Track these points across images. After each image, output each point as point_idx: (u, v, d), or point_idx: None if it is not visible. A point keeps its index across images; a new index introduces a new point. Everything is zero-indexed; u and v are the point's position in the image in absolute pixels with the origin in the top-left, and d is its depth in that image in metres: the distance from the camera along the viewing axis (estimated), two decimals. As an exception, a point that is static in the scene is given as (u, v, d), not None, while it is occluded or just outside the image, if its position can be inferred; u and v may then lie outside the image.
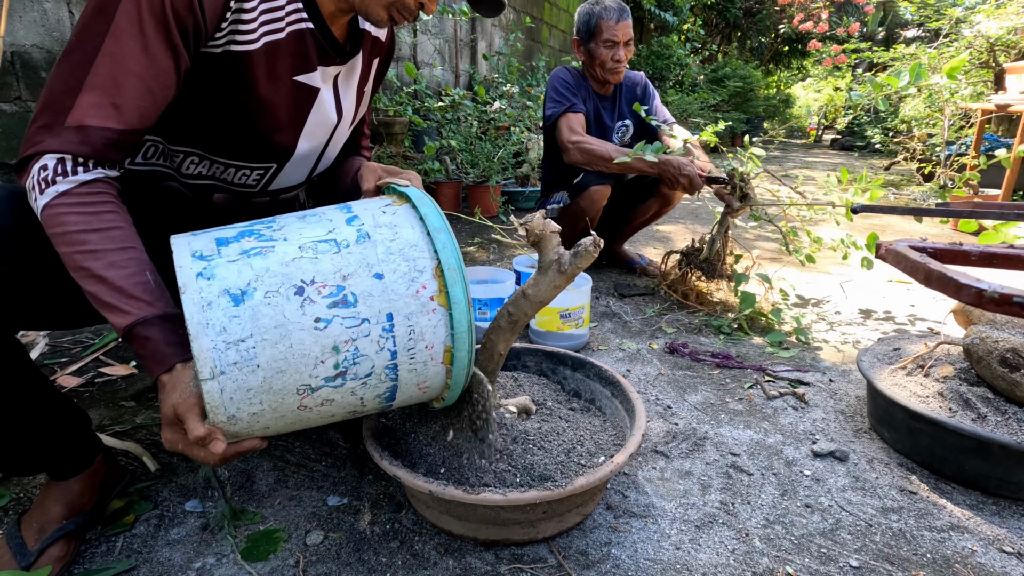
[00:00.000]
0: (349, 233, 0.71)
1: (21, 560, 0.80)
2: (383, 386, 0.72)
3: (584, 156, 1.97)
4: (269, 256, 0.68)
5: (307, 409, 0.70)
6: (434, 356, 0.73)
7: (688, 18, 9.18)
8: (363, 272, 0.69)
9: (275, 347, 0.65)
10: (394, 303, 0.69)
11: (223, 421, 0.66)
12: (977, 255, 0.96)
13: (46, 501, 0.86)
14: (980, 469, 1.02)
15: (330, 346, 0.67)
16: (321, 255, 0.69)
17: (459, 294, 0.70)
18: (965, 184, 3.44)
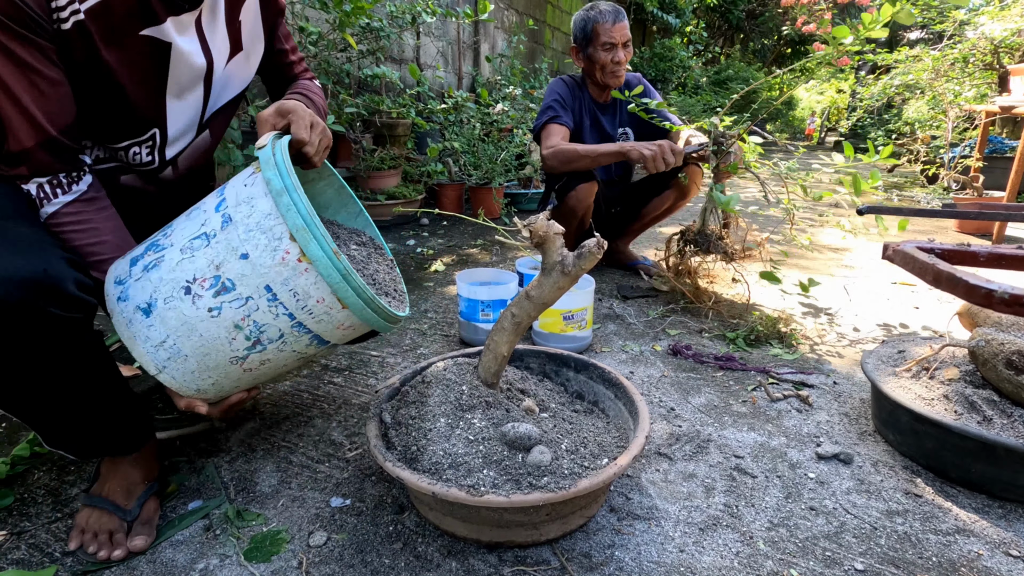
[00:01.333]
0: (216, 221, 0.75)
1: (126, 515, 0.88)
2: (305, 338, 0.78)
3: (558, 160, 1.98)
4: (161, 266, 0.76)
5: (253, 370, 0.80)
6: (331, 306, 0.75)
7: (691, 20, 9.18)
8: (231, 257, 0.73)
9: (189, 339, 0.75)
10: (267, 276, 0.72)
11: (194, 394, 0.82)
12: (985, 256, 0.95)
13: (121, 469, 0.92)
14: (986, 472, 1.01)
15: (231, 326, 0.74)
16: (196, 252, 0.75)
17: (315, 251, 0.71)
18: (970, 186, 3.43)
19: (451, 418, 0.91)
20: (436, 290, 2.14)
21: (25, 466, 1.06)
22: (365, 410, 1.28)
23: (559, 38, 6.77)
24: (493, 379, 0.97)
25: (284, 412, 1.27)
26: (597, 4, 2.09)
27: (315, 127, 0.85)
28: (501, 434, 0.89)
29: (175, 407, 1.10)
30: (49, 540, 0.89)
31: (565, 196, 2.09)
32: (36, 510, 0.95)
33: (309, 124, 0.83)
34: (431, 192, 3.49)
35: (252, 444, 1.15)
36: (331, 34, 2.91)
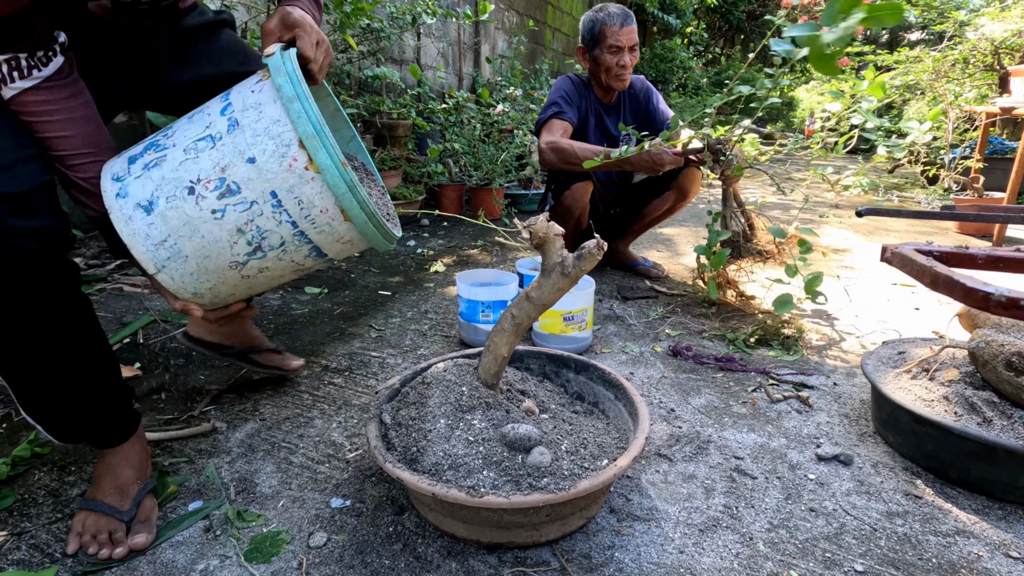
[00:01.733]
0: (222, 124, 0.75)
1: (123, 516, 0.87)
2: (304, 248, 0.78)
3: (556, 156, 1.98)
4: (163, 165, 0.75)
5: (251, 277, 0.80)
6: (334, 217, 0.75)
7: (691, 21, 9.19)
8: (237, 160, 0.73)
9: (191, 240, 0.75)
10: (272, 181, 0.73)
11: (191, 297, 0.81)
12: (984, 259, 0.96)
13: (112, 470, 0.92)
14: (986, 473, 1.01)
15: (234, 230, 0.75)
16: (201, 153, 0.74)
17: (324, 160, 0.71)
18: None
19: (451, 419, 0.91)
20: (436, 291, 2.14)
21: (26, 467, 1.06)
22: (365, 411, 1.29)
23: (559, 39, 6.77)
24: (493, 380, 0.98)
25: (284, 413, 1.27)
26: (607, 6, 2.09)
27: (320, 44, 0.84)
28: (501, 435, 0.89)
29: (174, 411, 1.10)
30: (50, 541, 0.89)
31: (561, 195, 2.09)
32: (37, 511, 0.96)
33: (315, 42, 0.83)
34: (431, 193, 3.49)
35: (252, 445, 1.15)
36: (332, 35, 2.91)
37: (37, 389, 0.83)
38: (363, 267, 2.43)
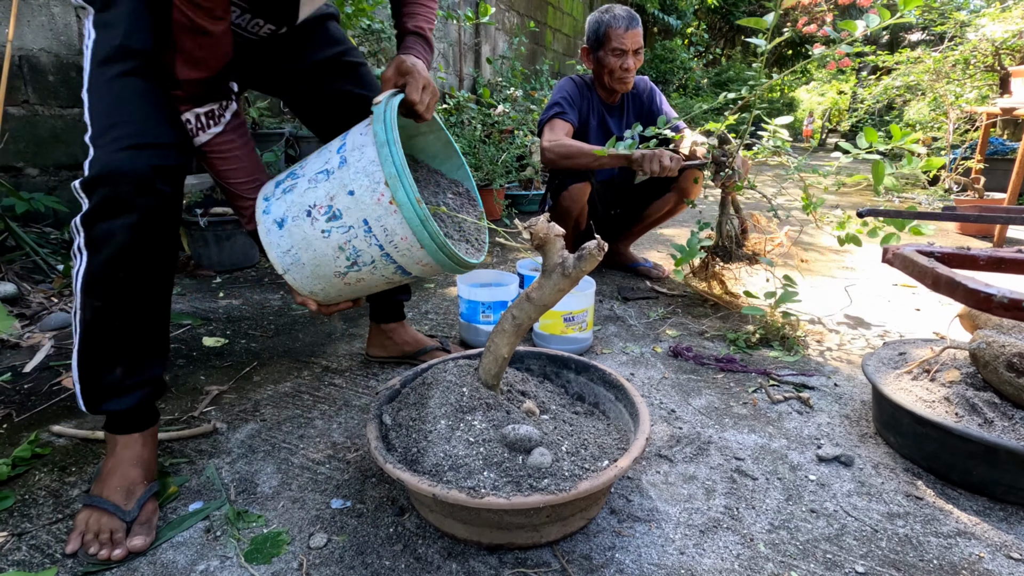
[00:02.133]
0: (336, 161, 0.90)
1: (125, 516, 0.89)
2: (391, 266, 0.92)
3: (557, 153, 1.98)
4: (293, 192, 0.92)
5: (351, 284, 0.95)
6: (412, 245, 0.87)
7: (692, 22, 9.19)
8: (341, 192, 0.87)
9: (307, 252, 0.91)
10: (365, 211, 0.86)
11: (308, 294, 0.99)
12: (985, 259, 0.95)
13: (121, 465, 0.94)
14: (987, 475, 1.01)
15: (336, 247, 0.89)
16: (318, 184, 0.90)
17: (401, 197, 0.83)
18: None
19: (451, 420, 0.91)
20: (437, 292, 2.14)
21: (26, 467, 1.06)
22: (366, 412, 1.28)
23: (560, 40, 6.77)
24: (493, 381, 0.98)
25: (285, 414, 1.27)
26: (612, 8, 2.09)
27: (427, 88, 0.97)
28: (501, 436, 0.89)
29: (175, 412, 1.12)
30: (50, 541, 0.89)
31: (559, 196, 2.09)
32: (37, 511, 0.96)
33: (422, 87, 0.96)
34: (432, 193, 3.48)
35: (253, 445, 1.15)
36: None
37: (111, 327, 0.91)
38: (364, 268, 2.43)
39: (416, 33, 1.08)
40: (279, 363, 1.51)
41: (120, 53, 0.87)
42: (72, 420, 1.22)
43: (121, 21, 0.88)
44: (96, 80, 0.88)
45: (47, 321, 1.68)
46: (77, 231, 0.88)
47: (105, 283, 0.89)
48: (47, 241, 2.13)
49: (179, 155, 0.92)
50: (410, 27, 1.08)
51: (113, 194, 0.84)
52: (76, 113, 2.29)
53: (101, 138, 0.86)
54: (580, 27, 7.37)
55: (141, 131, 0.86)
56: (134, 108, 0.87)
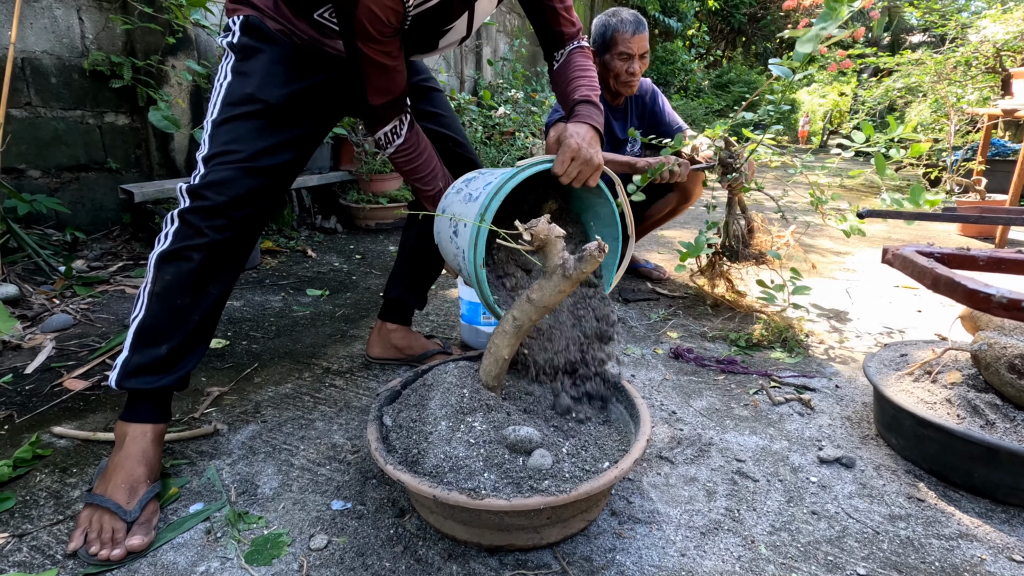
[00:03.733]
0: (477, 193, 1.02)
1: (127, 516, 0.90)
2: (464, 247, 1.04)
3: None
4: (457, 195, 1.09)
5: (452, 241, 1.10)
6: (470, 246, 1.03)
7: (693, 24, 9.20)
8: (463, 220, 1.02)
9: (444, 232, 1.12)
10: (465, 246, 1.01)
11: (448, 263, 1.20)
12: (985, 260, 0.95)
13: (127, 461, 0.96)
14: (989, 476, 1.01)
15: (452, 250, 1.10)
16: (463, 202, 1.05)
17: (469, 255, 1.00)
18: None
19: (452, 421, 0.91)
20: (438, 293, 2.14)
21: (27, 468, 1.06)
22: (366, 413, 1.28)
23: (561, 41, 6.78)
24: (494, 382, 0.98)
25: (286, 415, 1.27)
26: (620, 11, 2.09)
27: (575, 160, 1.04)
28: (502, 437, 0.89)
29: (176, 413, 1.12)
30: (51, 542, 0.89)
31: None
32: (38, 512, 0.96)
33: (569, 158, 1.04)
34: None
35: (254, 447, 1.15)
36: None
37: (173, 305, 0.99)
38: (364, 269, 2.44)
39: (585, 101, 1.16)
40: (280, 364, 1.51)
41: (248, 99, 1.03)
42: (73, 421, 1.22)
43: (256, 74, 1.05)
44: (223, 114, 1.03)
45: (48, 323, 1.68)
46: (171, 221, 1.00)
47: (178, 261, 0.99)
48: (49, 243, 2.14)
49: (278, 183, 1.07)
50: (578, 97, 1.17)
51: (211, 202, 0.99)
52: (78, 115, 2.30)
53: (215, 159, 1.01)
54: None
55: (250, 158, 1.02)
56: (249, 141, 1.02)
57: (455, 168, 1.32)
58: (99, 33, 2.31)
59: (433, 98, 1.37)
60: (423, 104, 1.34)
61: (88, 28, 2.29)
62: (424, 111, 1.34)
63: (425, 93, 1.36)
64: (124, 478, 0.93)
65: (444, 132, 1.35)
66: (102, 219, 2.39)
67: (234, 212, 1.01)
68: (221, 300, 1.06)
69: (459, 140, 1.38)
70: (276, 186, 1.08)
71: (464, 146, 1.40)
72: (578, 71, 1.20)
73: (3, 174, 2.07)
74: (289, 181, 1.12)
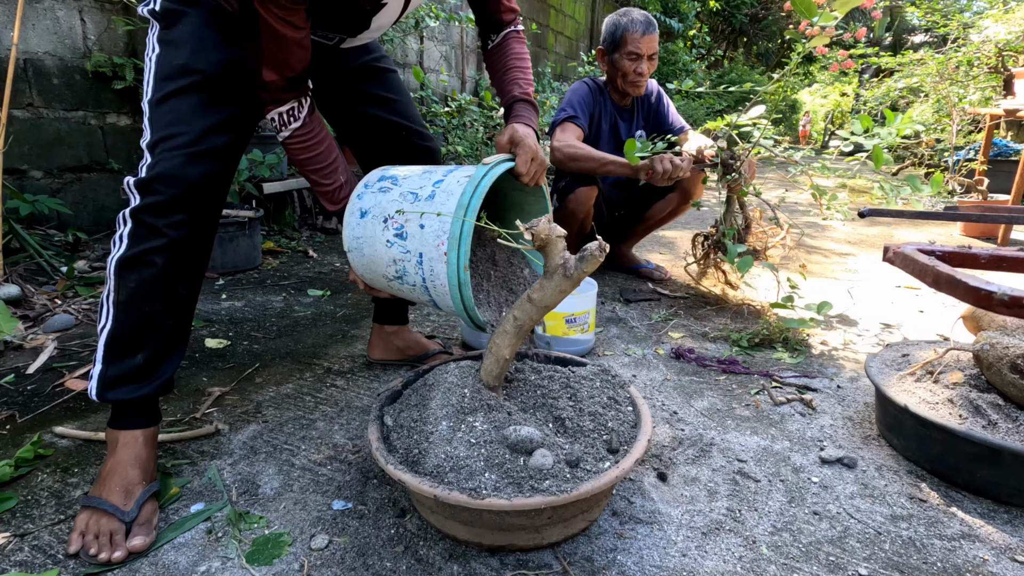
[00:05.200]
0: (428, 191, 0.95)
1: (124, 516, 0.89)
2: (426, 296, 0.98)
3: (566, 155, 2.00)
4: (384, 195, 0.99)
5: (392, 287, 1.02)
6: (446, 295, 0.93)
7: (694, 24, 9.20)
8: (416, 220, 0.93)
9: (371, 247, 0.99)
10: (424, 248, 0.92)
11: (360, 276, 1.08)
12: (987, 258, 0.95)
13: (120, 466, 0.94)
14: (991, 477, 1.01)
15: (392, 259, 0.97)
16: (404, 202, 0.95)
17: (452, 258, 0.89)
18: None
19: (453, 421, 0.91)
20: (439, 293, 2.14)
21: (29, 468, 1.06)
22: (367, 413, 1.28)
23: (562, 42, 6.78)
24: (495, 382, 0.97)
25: (287, 415, 1.27)
26: (630, 12, 2.10)
27: (535, 160, 1.02)
28: (503, 437, 0.89)
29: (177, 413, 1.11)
30: (52, 542, 0.89)
31: (565, 199, 2.10)
32: (39, 512, 0.96)
33: (530, 158, 1.01)
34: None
35: (255, 447, 1.15)
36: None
37: (142, 313, 0.94)
38: (366, 270, 2.44)
39: (523, 100, 1.12)
40: (281, 365, 1.52)
41: (182, 71, 0.94)
42: (75, 421, 1.22)
43: (186, 41, 0.94)
44: (158, 91, 0.94)
45: (50, 323, 1.68)
46: (124, 221, 0.94)
47: (140, 267, 0.93)
48: (51, 243, 2.14)
49: (228, 165, 1.01)
50: (517, 94, 1.12)
51: (164, 196, 0.91)
52: (80, 116, 2.30)
53: (159, 145, 0.93)
54: (582, 30, 7.38)
55: (196, 141, 0.93)
56: (191, 120, 0.93)
57: (413, 162, 1.20)
58: (101, 34, 2.32)
59: (387, 80, 1.25)
60: (374, 87, 1.23)
61: (90, 29, 2.29)
62: (375, 95, 1.22)
63: (378, 75, 1.25)
64: (119, 482, 0.93)
65: (398, 121, 1.24)
66: (104, 220, 2.40)
67: (191, 205, 0.93)
68: (193, 297, 1.02)
69: (416, 129, 1.26)
70: (227, 169, 1.00)
71: (423, 135, 1.28)
72: (514, 60, 1.15)
73: (5, 175, 2.08)
74: (236, 162, 1.04)
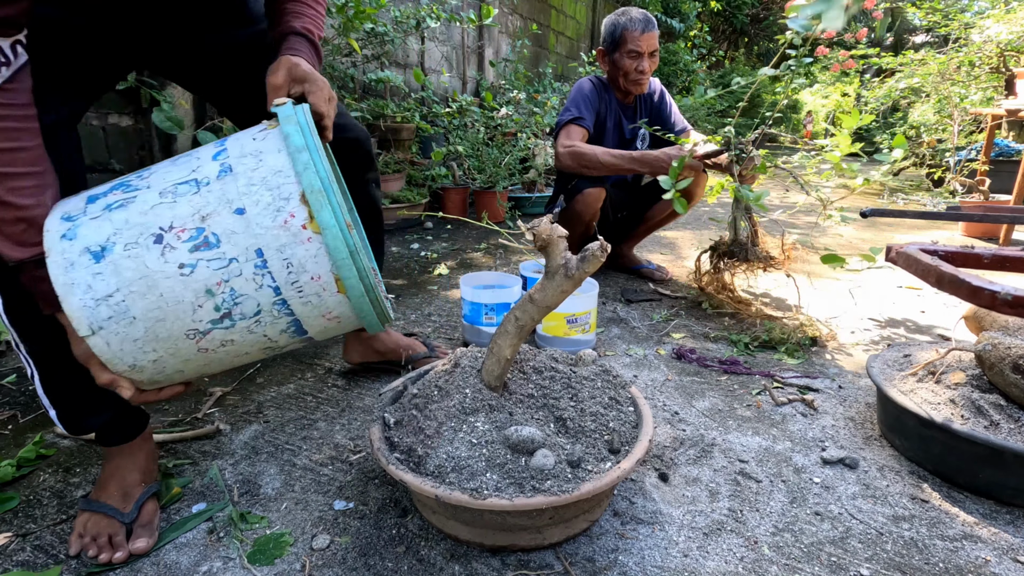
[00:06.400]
0: (211, 169, 0.68)
1: (124, 518, 0.88)
2: (282, 322, 0.70)
3: (573, 160, 1.99)
4: (129, 207, 0.66)
5: (210, 352, 0.70)
6: (326, 287, 0.68)
7: (695, 24, 9.20)
8: (223, 209, 0.65)
9: (145, 297, 0.65)
10: (261, 237, 0.65)
11: (126, 370, 0.69)
12: (989, 258, 0.95)
13: (119, 471, 0.93)
14: (993, 477, 1.01)
15: (202, 290, 0.65)
16: (180, 198, 0.66)
17: (327, 218, 0.64)
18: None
19: (454, 421, 0.91)
20: (440, 293, 2.14)
21: (31, 468, 1.06)
22: (369, 413, 1.29)
23: (563, 42, 6.78)
24: (496, 382, 0.98)
25: (288, 415, 1.27)
26: (629, 10, 2.10)
27: (331, 100, 0.81)
28: (504, 437, 0.89)
29: (178, 413, 1.10)
30: (54, 542, 0.90)
31: (572, 200, 2.09)
32: (41, 512, 0.96)
33: (327, 97, 0.80)
34: (435, 196, 3.50)
35: (256, 447, 1.15)
36: (336, 39, 2.93)
37: (65, 363, 0.78)
38: (367, 270, 2.44)
39: (303, 35, 0.89)
40: (282, 365, 1.52)
41: None
42: (76, 421, 1.22)
43: None
44: None
45: (52, 323, 1.68)
46: None
47: (29, 310, 0.75)
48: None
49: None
50: (298, 27, 0.88)
51: None
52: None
53: None
54: (583, 30, 7.38)
55: None
56: None
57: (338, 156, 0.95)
58: (103, 35, 2.32)
59: None
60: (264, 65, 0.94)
61: (92, 30, 2.30)
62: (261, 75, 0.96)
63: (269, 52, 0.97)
64: (117, 485, 0.92)
65: None
66: (105, 220, 2.40)
67: None
68: None
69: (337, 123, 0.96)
70: None
71: (344, 127, 1.03)
72: (306, 25, 0.90)
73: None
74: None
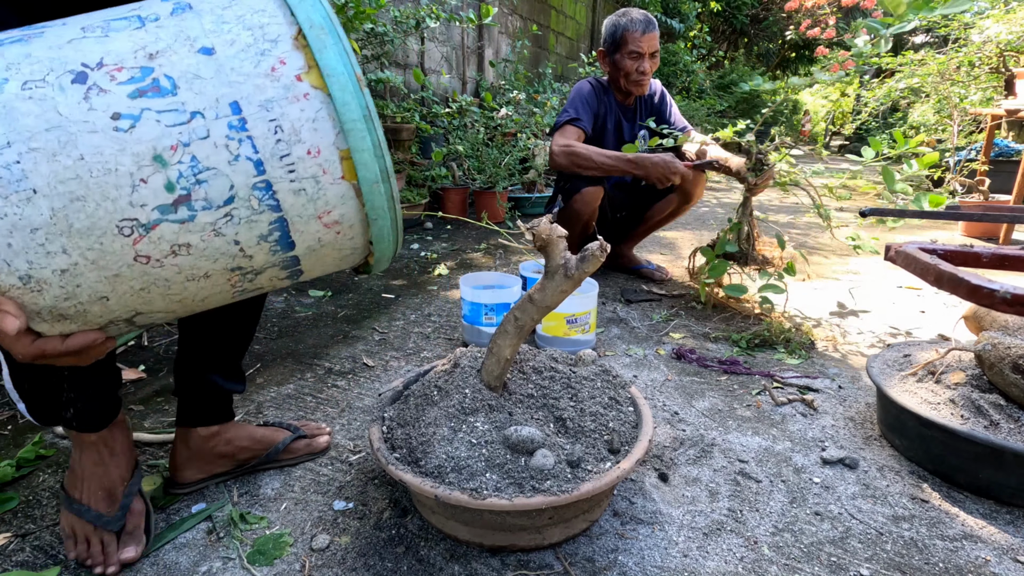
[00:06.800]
0: (161, 8, 0.50)
1: (113, 525, 0.84)
2: (263, 220, 0.49)
3: (567, 159, 1.99)
4: (33, 42, 0.47)
5: (153, 263, 0.47)
6: (327, 167, 0.49)
7: (695, 25, 9.20)
8: (181, 47, 0.47)
9: (55, 160, 0.44)
10: (239, 86, 0.47)
11: (15, 285, 0.45)
12: (989, 257, 0.95)
13: (99, 467, 0.87)
14: (994, 477, 1.01)
15: (147, 156, 0.46)
16: (114, 32, 0.48)
17: (332, 61, 0.47)
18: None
19: (454, 421, 0.91)
20: (439, 294, 2.14)
21: (30, 468, 1.06)
22: (368, 413, 1.28)
23: (563, 43, 6.78)
24: (496, 382, 0.97)
25: (288, 415, 1.27)
26: (629, 11, 2.10)
27: None
28: (504, 437, 0.89)
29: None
30: (53, 542, 0.89)
31: (571, 199, 2.09)
32: (41, 512, 0.96)
33: None
34: (435, 196, 3.50)
35: (256, 447, 1.15)
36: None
37: None
38: (367, 270, 2.44)
39: None
40: (282, 365, 1.52)
41: None
42: (76, 422, 1.22)
43: None
44: None
45: (52, 323, 1.68)
46: None
47: None
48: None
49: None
50: None
51: None
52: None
53: None
54: (583, 31, 7.38)
55: None
56: None
57: None
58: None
59: None
60: None
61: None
62: None
63: None
64: (99, 484, 0.86)
65: None
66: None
67: None
68: None
69: None
70: None
71: None
72: None
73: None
74: None
